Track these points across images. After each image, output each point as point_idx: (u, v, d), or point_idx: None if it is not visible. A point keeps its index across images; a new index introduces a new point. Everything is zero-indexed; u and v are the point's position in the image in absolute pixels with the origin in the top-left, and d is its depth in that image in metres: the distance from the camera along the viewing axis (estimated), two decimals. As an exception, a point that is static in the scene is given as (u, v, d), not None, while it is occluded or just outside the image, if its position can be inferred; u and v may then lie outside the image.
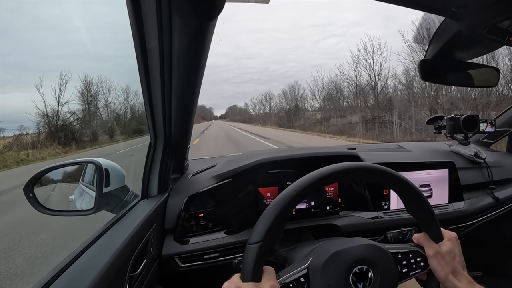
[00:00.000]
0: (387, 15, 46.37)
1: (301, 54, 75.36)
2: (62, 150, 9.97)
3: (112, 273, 0.66)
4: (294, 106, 34.34)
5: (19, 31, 17.47)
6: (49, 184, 1.00)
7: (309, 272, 0.65)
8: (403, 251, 0.73)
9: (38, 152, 9.24)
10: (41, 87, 12.68)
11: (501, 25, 0.71)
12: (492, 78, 1.06)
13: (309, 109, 32.06)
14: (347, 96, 23.28)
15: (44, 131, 11.68)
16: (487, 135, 1.81)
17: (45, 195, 0.95)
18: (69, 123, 12.28)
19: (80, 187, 1.11)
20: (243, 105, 79.82)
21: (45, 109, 12.14)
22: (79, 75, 14.31)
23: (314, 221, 1.22)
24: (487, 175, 1.54)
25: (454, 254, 0.71)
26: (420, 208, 0.73)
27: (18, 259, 2.84)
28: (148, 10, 0.64)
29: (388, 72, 20.06)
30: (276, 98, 46.36)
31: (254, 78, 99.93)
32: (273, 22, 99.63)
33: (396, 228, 1.04)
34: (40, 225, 3.49)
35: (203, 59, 0.79)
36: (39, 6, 19.11)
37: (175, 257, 1.07)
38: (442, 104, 13.57)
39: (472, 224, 1.42)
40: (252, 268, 0.59)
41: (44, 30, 24.65)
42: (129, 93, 16.20)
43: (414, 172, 1.35)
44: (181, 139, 1.15)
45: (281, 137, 19.10)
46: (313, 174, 0.67)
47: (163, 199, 1.11)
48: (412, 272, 0.71)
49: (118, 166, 1.04)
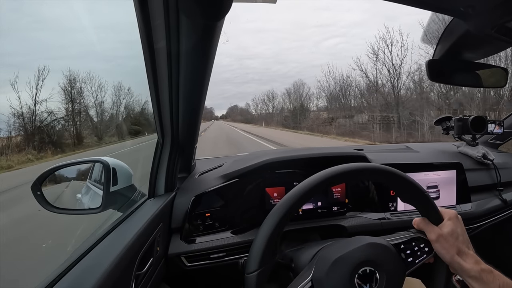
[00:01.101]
0: (388, 15, 46.13)
1: (303, 54, 75.19)
2: (36, 156, 8.75)
3: (119, 271, 0.66)
4: (300, 106, 33.38)
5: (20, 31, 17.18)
6: (57, 183, 1.01)
7: (313, 284, 0.65)
8: (405, 240, 0.73)
9: (6, 159, 8.21)
10: (17, 83, 10.54)
11: (509, 25, 0.71)
12: (501, 79, 1.06)
13: (314, 108, 31.14)
14: (362, 93, 21.77)
15: (19, 134, 10.23)
16: (495, 136, 1.79)
17: (53, 193, 0.96)
18: (45, 124, 10.87)
19: (87, 185, 1.12)
20: (244, 105, 77.90)
21: (20, 108, 10.46)
22: (63, 70, 12.58)
23: (321, 221, 1.22)
24: (495, 177, 1.52)
25: (457, 234, 0.70)
26: (415, 196, 0.73)
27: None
28: (155, 10, 0.65)
29: (410, 68, 18.79)
30: (279, 97, 45.08)
31: (256, 78, 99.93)
32: (276, 23, 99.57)
33: (403, 229, 1.03)
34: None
35: (211, 59, 0.79)
36: (42, 5, 18.99)
37: (181, 256, 1.08)
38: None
39: (479, 226, 1.41)
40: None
41: (46, 30, 24.63)
42: (121, 90, 14.68)
43: (422, 173, 1.35)
44: (188, 138, 1.15)
45: (292, 141, 16.58)
46: (320, 174, 0.67)
47: (170, 198, 1.11)
48: (418, 259, 0.71)
49: (125, 165, 1.05)
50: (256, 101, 56.56)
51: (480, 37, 0.79)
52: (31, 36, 16.07)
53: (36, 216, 2.83)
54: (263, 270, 0.61)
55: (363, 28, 57.95)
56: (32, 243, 2.74)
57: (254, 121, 55.42)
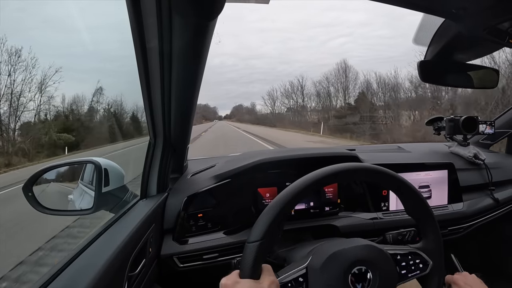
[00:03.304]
0: (394, 15, 46.28)
1: (309, 54, 75.07)
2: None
3: (111, 272, 0.66)
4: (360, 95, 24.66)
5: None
6: (48, 184, 1.00)
7: (308, 272, 0.66)
8: (402, 252, 0.73)
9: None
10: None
11: (501, 26, 0.72)
12: (492, 80, 1.07)
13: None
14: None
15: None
16: (486, 137, 1.81)
17: (44, 194, 0.95)
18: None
19: (79, 186, 1.11)
20: (250, 104, 71.67)
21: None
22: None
23: (313, 221, 1.22)
24: (486, 177, 1.54)
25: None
26: (419, 210, 0.74)
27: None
28: (148, 9, 0.64)
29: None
30: (310, 87, 32.97)
31: (261, 78, 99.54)
32: (282, 22, 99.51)
33: (395, 229, 1.05)
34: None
35: (203, 59, 0.79)
36: (31, 4, 18.56)
37: (174, 257, 1.07)
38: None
39: (471, 225, 1.42)
40: (251, 265, 0.60)
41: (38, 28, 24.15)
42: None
43: (413, 173, 1.35)
44: (181, 138, 1.15)
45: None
46: (312, 174, 0.68)
47: (162, 199, 1.10)
48: (411, 273, 0.72)
49: (117, 166, 1.04)
50: (274, 95, 40.65)
51: (472, 39, 0.80)
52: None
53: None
54: (264, 241, 0.61)
55: (370, 28, 58.27)
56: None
57: (264, 122, 41.45)
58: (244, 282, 0.58)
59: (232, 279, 0.60)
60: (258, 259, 0.61)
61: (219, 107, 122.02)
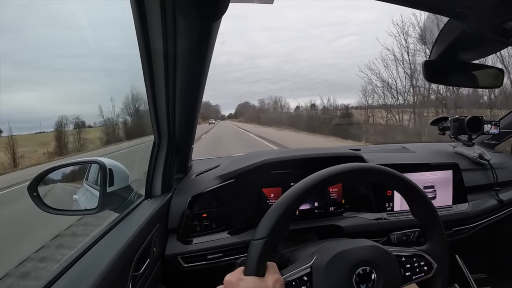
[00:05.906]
0: (402, 14, 45.83)
1: (315, 53, 74.56)
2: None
3: (115, 272, 0.66)
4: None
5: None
6: (53, 184, 1.00)
7: (312, 271, 0.66)
8: (407, 254, 0.73)
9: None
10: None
11: (506, 25, 0.71)
12: (497, 79, 1.06)
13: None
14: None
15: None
16: (491, 137, 1.80)
17: (49, 194, 0.96)
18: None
19: (84, 186, 1.11)
20: (258, 101, 65.50)
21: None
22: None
23: (318, 222, 1.22)
24: (491, 177, 1.53)
25: None
26: (424, 212, 0.73)
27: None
28: (152, 10, 0.65)
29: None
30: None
31: (266, 77, 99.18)
32: (288, 21, 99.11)
33: (400, 229, 1.04)
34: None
35: (207, 59, 0.79)
36: (33, 4, 18.54)
37: (178, 257, 1.07)
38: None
39: (476, 226, 1.41)
40: (256, 263, 0.60)
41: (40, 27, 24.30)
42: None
43: (418, 173, 1.35)
44: (185, 139, 1.15)
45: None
46: (317, 174, 0.68)
47: (167, 199, 1.11)
48: (415, 276, 0.71)
49: (122, 166, 1.04)
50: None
51: (477, 38, 0.80)
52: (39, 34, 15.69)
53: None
54: (270, 239, 0.61)
55: (378, 26, 57.76)
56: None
57: (280, 124, 31.63)
58: (249, 279, 0.58)
59: (237, 276, 0.59)
60: (263, 256, 0.60)
61: (222, 107, 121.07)
